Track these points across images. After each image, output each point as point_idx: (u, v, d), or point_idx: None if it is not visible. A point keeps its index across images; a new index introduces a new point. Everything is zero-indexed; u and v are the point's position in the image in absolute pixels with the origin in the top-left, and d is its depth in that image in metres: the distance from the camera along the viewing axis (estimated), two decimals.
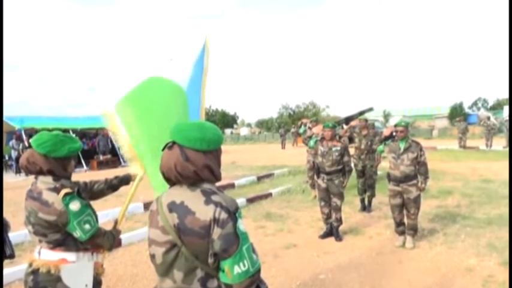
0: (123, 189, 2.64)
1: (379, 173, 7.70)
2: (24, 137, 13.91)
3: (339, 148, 5.18)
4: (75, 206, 1.94)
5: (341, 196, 5.23)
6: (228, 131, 52.42)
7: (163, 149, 1.46)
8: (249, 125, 63.27)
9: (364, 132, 6.90)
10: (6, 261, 2.60)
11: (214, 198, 1.36)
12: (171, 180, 1.44)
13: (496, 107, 43.06)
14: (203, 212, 1.33)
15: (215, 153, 1.46)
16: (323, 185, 5.25)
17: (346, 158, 5.23)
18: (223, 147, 1.54)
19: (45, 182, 2.01)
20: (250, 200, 7.53)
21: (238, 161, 15.38)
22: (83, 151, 15.05)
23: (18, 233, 4.70)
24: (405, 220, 4.84)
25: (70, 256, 2.01)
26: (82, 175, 12.63)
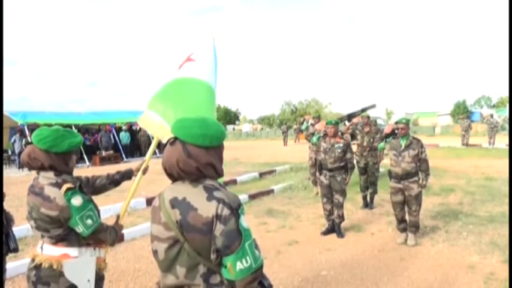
0: (124, 184, 2.64)
1: (381, 170, 7.68)
2: (27, 132, 13.94)
3: (341, 145, 5.17)
4: (77, 201, 1.94)
5: (343, 193, 5.23)
6: (230, 127, 52.46)
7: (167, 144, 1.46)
8: (251, 121, 63.35)
9: (367, 129, 6.89)
10: (10, 255, 2.62)
11: (216, 194, 1.36)
12: (173, 176, 1.43)
13: (500, 105, 42.86)
14: (205, 208, 1.33)
15: (217, 149, 1.46)
16: (325, 182, 5.24)
17: (348, 155, 5.22)
18: (225, 143, 1.53)
19: (46, 178, 2.00)
20: (252, 197, 7.54)
21: (240, 157, 15.39)
22: (86, 147, 15.08)
23: (21, 227, 4.73)
24: (407, 217, 4.84)
25: (72, 251, 2.01)
26: (84, 170, 12.67)
